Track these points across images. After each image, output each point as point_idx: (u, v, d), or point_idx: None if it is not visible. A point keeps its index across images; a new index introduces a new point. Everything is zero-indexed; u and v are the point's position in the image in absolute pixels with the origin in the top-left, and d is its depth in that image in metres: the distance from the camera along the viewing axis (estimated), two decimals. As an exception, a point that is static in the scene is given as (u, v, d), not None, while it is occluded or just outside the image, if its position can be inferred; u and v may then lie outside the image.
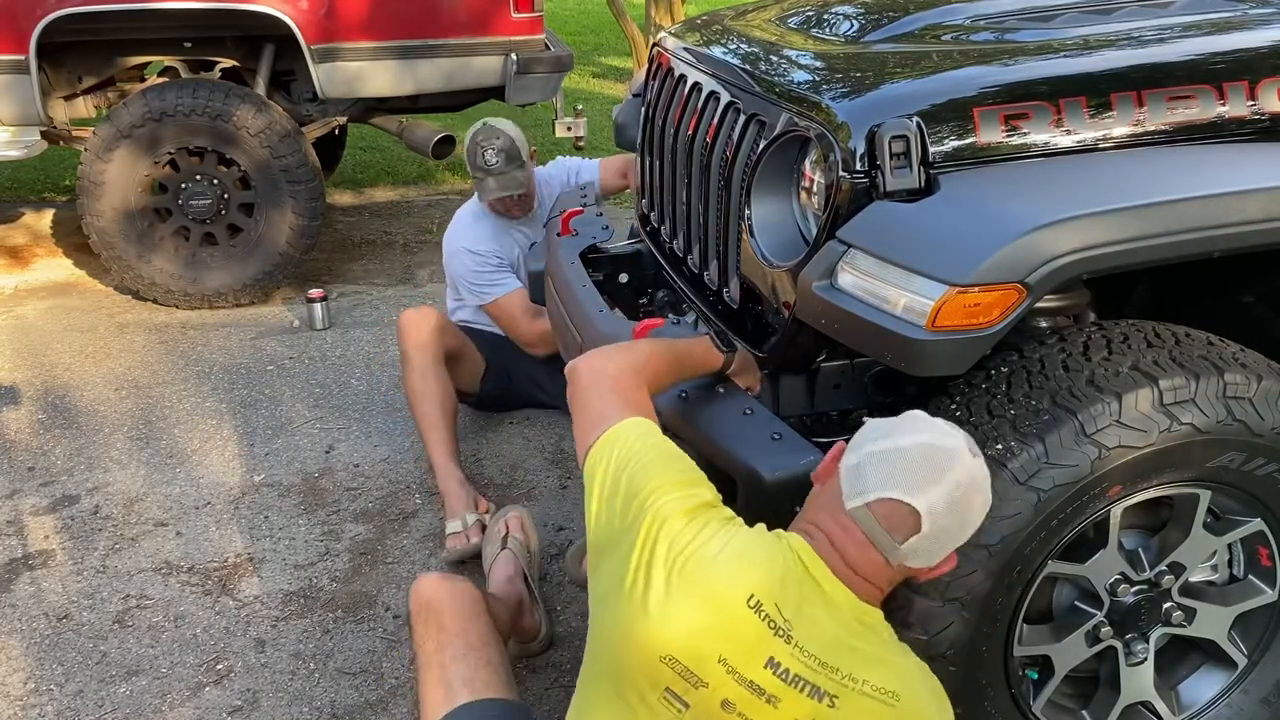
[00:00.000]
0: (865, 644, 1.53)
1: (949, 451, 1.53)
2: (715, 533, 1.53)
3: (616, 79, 9.44)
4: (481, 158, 3.35)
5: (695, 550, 1.50)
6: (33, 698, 2.47)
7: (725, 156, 2.22)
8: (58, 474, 3.37)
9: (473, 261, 3.42)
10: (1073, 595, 1.93)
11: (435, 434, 3.13)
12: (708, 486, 1.62)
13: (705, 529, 1.53)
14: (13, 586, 2.85)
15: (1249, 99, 1.90)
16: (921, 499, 1.51)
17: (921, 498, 1.51)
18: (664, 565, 1.50)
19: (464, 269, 3.44)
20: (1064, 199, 1.69)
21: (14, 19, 4.28)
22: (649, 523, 1.53)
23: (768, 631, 1.47)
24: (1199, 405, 1.76)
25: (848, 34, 2.47)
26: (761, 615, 1.48)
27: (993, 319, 1.65)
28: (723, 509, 1.60)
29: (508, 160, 3.35)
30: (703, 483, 1.62)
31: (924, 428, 1.57)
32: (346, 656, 2.58)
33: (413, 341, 3.21)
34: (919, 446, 1.53)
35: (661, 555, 1.51)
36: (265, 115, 4.45)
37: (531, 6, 4.67)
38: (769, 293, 2.06)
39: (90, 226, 4.50)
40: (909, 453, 1.53)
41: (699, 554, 1.50)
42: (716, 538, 1.52)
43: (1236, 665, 2.04)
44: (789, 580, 1.51)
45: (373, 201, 6.23)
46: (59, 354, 4.19)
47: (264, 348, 4.25)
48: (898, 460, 1.52)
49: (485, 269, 3.42)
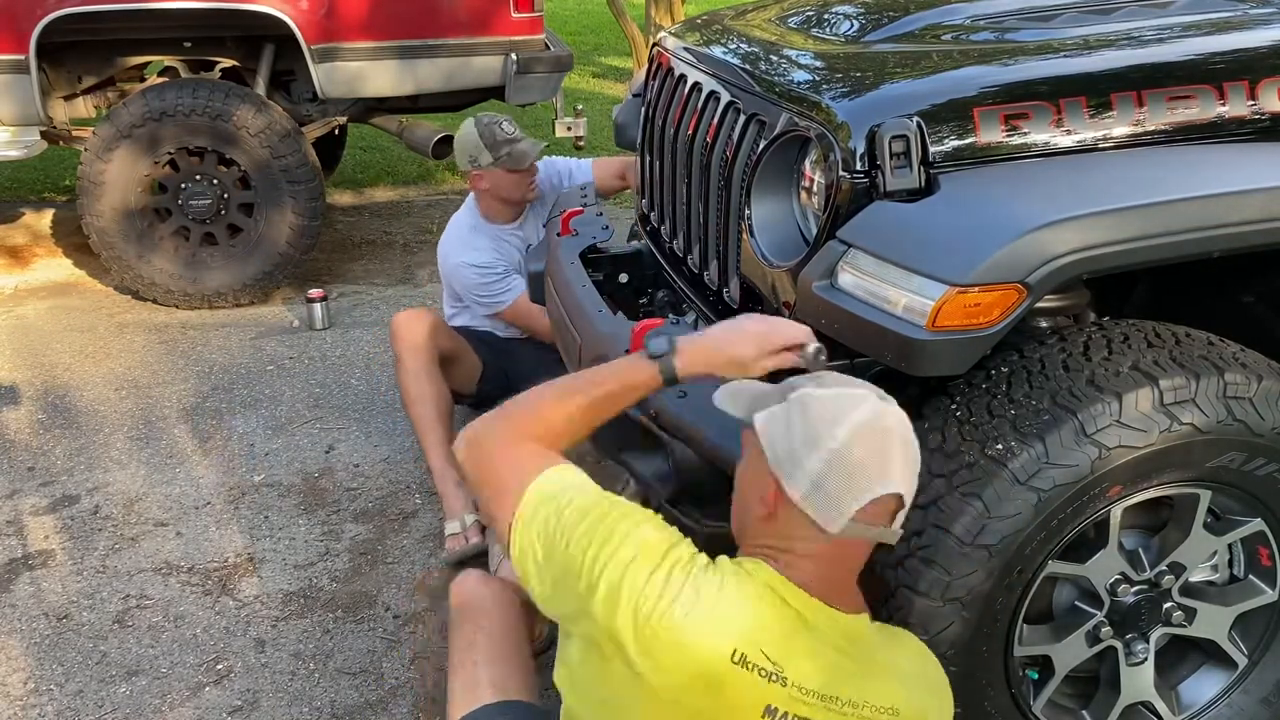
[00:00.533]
0: (858, 661, 1.49)
1: (869, 409, 1.47)
2: (680, 589, 1.41)
3: (616, 79, 9.44)
4: (501, 130, 3.38)
5: (662, 614, 1.39)
6: (33, 698, 2.47)
7: (725, 156, 2.22)
8: (58, 474, 3.37)
9: (478, 275, 3.41)
10: (1073, 595, 1.93)
11: (432, 436, 3.13)
12: (652, 523, 1.48)
13: (667, 587, 1.40)
14: (13, 586, 2.85)
15: (1249, 99, 1.90)
16: (893, 477, 1.47)
17: (893, 476, 1.46)
18: (634, 638, 1.40)
19: (471, 283, 3.43)
20: (1064, 199, 1.69)
21: (14, 19, 4.28)
22: (604, 600, 1.41)
23: (760, 681, 1.41)
24: (1199, 405, 1.76)
25: (848, 34, 2.47)
26: (749, 667, 1.40)
27: (993, 319, 1.65)
28: (677, 548, 1.46)
29: (519, 129, 3.43)
30: (645, 522, 1.47)
31: (830, 406, 1.47)
32: (346, 656, 2.58)
33: (406, 344, 3.21)
34: (853, 433, 1.45)
35: (629, 630, 1.40)
36: (265, 115, 4.45)
37: (531, 6, 4.66)
38: (769, 293, 2.06)
39: (90, 226, 4.50)
40: (850, 449, 1.44)
41: (666, 618, 1.39)
42: (682, 595, 1.40)
43: (1237, 665, 2.04)
44: (770, 621, 1.44)
45: (373, 201, 6.23)
46: (59, 354, 4.19)
47: (264, 348, 4.25)
48: (848, 462, 1.44)
49: (491, 279, 3.41)
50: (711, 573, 1.45)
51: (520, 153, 3.39)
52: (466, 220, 3.53)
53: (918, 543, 1.76)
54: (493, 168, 3.38)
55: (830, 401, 1.49)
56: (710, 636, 1.39)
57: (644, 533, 1.45)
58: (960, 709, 1.84)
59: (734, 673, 1.40)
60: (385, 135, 5.74)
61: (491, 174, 3.40)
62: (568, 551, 1.44)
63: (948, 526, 1.73)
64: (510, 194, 3.46)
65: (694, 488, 1.92)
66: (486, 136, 3.37)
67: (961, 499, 1.73)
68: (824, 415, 1.47)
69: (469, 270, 3.42)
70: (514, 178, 3.42)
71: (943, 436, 1.82)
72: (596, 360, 2.18)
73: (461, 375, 3.39)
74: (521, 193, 3.48)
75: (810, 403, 1.49)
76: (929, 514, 1.76)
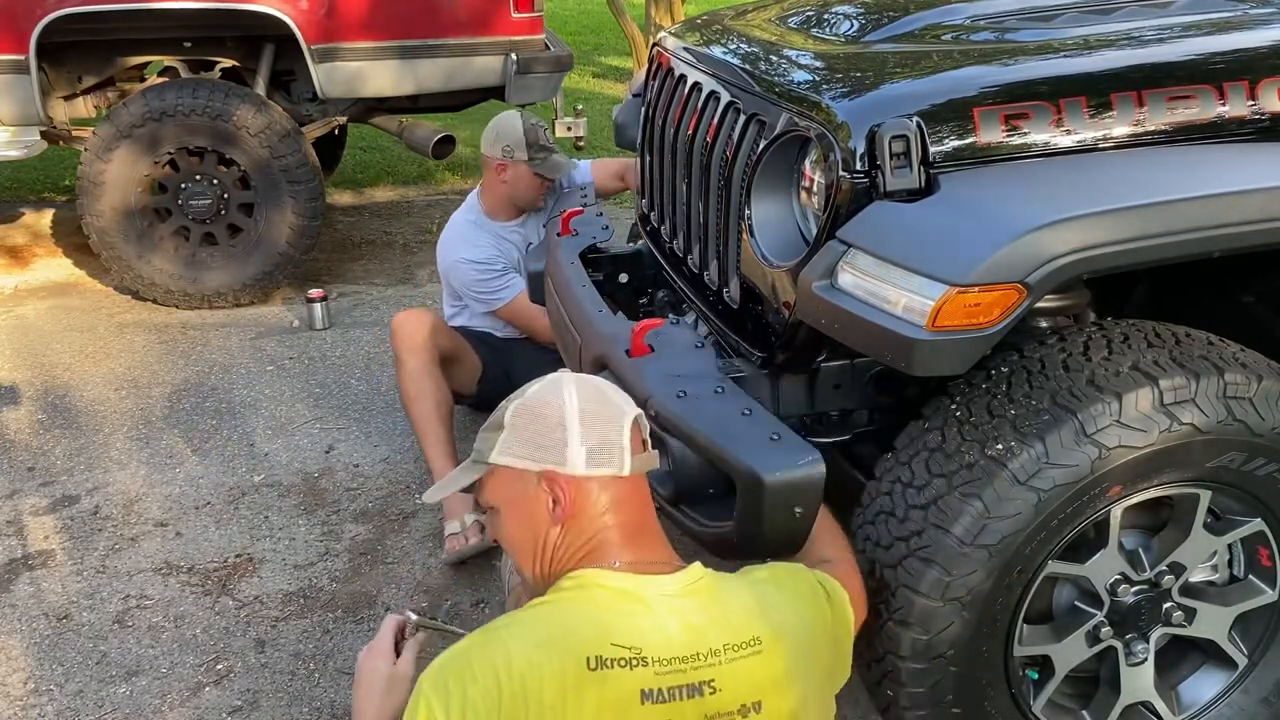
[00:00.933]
0: (702, 611, 1.49)
1: (557, 376, 1.60)
2: (490, 657, 1.39)
3: (616, 79, 9.44)
4: (544, 135, 3.43)
5: (509, 686, 1.36)
6: (33, 698, 2.47)
7: (725, 156, 2.22)
8: (58, 474, 3.37)
9: (476, 271, 3.41)
10: (1073, 595, 1.93)
11: (431, 436, 3.13)
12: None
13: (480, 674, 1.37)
14: (13, 586, 2.85)
15: (1249, 99, 1.90)
16: (621, 404, 1.57)
17: (620, 403, 1.57)
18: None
19: (469, 279, 3.44)
20: (1064, 199, 1.69)
21: (14, 19, 4.28)
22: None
23: (624, 672, 1.41)
24: (1199, 405, 1.76)
25: (848, 34, 2.47)
26: (609, 664, 1.40)
27: (993, 319, 1.65)
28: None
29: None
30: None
31: (540, 393, 1.57)
32: (346, 656, 2.57)
33: (406, 344, 3.21)
34: (572, 390, 1.55)
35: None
36: (265, 115, 4.45)
37: (531, 6, 4.67)
38: (769, 293, 2.06)
39: (90, 226, 4.50)
40: (584, 400, 1.54)
41: (514, 683, 1.36)
42: (503, 653, 1.39)
43: (1237, 665, 2.04)
44: (606, 615, 1.45)
45: (373, 201, 6.23)
46: (59, 354, 4.19)
47: (264, 348, 4.25)
48: (590, 411, 1.54)
49: (490, 275, 3.41)
50: (513, 627, 1.45)
51: (555, 164, 3.45)
52: (467, 217, 3.54)
53: (918, 543, 1.76)
54: (523, 164, 3.41)
55: (537, 391, 1.58)
56: (557, 661, 1.39)
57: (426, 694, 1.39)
58: (960, 709, 1.85)
59: (599, 676, 1.39)
60: (385, 135, 5.74)
61: (518, 169, 3.42)
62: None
63: (948, 526, 1.73)
64: (524, 195, 3.49)
65: (694, 488, 1.91)
66: (530, 135, 3.40)
67: (961, 499, 1.73)
68: (544, 400, 1.56)
69: (467, 266, 3.42)
70: (536, 182, 3.46)
71: (943, 436, 1.82)
72: (597, 360, 2.18)
73: (462, 375, 3.39)
74: (534, 198, 3.51)
75: (526, 404, 1.58)
76: (929, 514, 1.76)
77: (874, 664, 1.87)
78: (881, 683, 1.87)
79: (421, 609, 2.08)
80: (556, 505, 1.53)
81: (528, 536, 1.57)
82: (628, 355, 2.09)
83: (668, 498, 1.95)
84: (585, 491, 1.53)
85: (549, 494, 1.54)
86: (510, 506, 1.59)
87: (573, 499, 1.53)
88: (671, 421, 1.90)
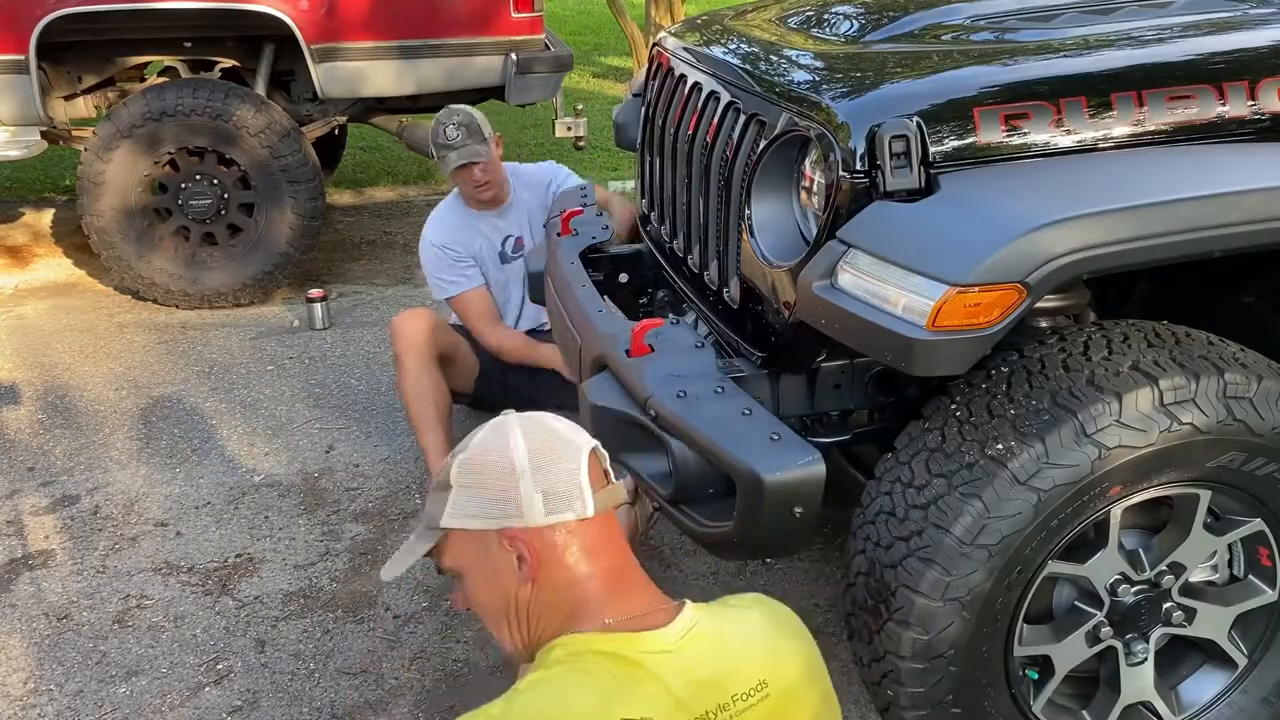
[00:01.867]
0: (705, 664, 1.39)
1: (498, 421, 1.43)
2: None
3: (616, 79, 9.44)
4: (443, 134, 3.31)
5: None
6: (33, 698, 2.47)
7: (725, 156, 2.22)
8: (58, 474, 3.37)
9: (434, 255, 3.41)
10: (1073, 595, 1.94)
11: (431, 436, 3.13)
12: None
13: None
14: (13, 586, 2.85)
15: (1249, 99, 1.90)
16: (573, 438, 1.41)
17: (573, 437, 1.41)
18: None
19: (425, 259, 3.45)
20: (1064, 199, 1.69)
21: (14, 19, 4.28)
22: None
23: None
24: (1199, 405, 1.76)
25: (848, 34, 2.47)
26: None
27: (993, 319, 1.65)
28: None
29: (468, 134, 3.31)
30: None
31: (483, 445, 1.42)
32: (346, 656, 2.57)
33: (405, 344, 3.21)
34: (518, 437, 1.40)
35: None
36: (265, 115, 4.45)
37: (531, 6, 4.67)
38: (769, 293, 2.06)
39: (90, 226, 4.50)
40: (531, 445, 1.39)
41: None
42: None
43: (1236, 665, 2.04)
44: (608, 687, 1.34)
45: (373, 201, 6.23)
46: (59, 354, 4.19)
47: (264, 348, 4.25)
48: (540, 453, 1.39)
49: (444, 261, 3.39)
50: (511, 714, 1.35)
51: (445, 161, 3.33)
52: (448, 203, 3.53)
53: (918, 543, 1.77)
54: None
55: (480, 441, 1.44)
56: None
57: None
58: (960, 709, 1.85)
59: None
60: (385, 135, 5.74)
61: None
62: None
63: (948, 526, 1.73)
64: (465, 193, 3.43)
65: (694, 488, 1.91)
66: (433, 134, 3.34)
67: (961, 499, 1.73)
68: (488, 448, 1.42)
69: (428, 248, 3.42)
70: (460, 177, 3.37)
71: (943, 436, 1.82)
72: (597, 360, 2.18)
73: (460, 374, 3.39)
74: (471, 193, 3.41)
75: (470, 457, 1.43)
76: (929, 514, 1.76)
77: (874, 664, 1.87)
78: (881, 683, 1.87)
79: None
80: (522, 563, 1.39)
81: (498, 601, 1.45)
82: (628, 355, 2.09)
83: (668, 498, 1.95)
84: (549, 542, 1.39)
85: (512, 552, 1.39)
86: (474, 571, 1.46)
87: (538, 553, 1.39)
88: (671, 421, 1.90)
